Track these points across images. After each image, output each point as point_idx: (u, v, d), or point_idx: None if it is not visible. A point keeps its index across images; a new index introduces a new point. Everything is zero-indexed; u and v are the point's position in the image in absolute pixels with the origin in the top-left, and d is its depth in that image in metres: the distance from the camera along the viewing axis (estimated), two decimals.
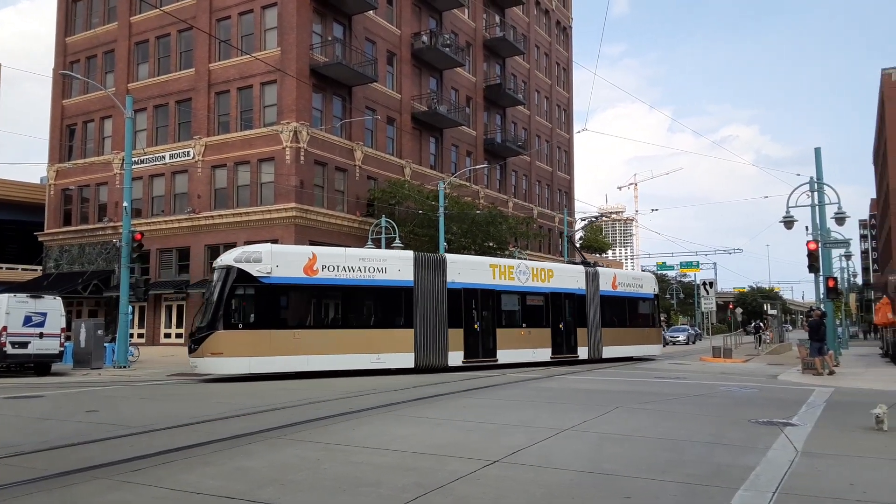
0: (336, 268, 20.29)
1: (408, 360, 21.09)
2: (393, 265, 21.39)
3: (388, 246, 30.40)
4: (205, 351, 18.60)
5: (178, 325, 34.94)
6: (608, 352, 27.41)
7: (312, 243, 32.43)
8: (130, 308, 24.35)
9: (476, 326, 22.94)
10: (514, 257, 43.50)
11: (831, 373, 20.41)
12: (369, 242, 30.44)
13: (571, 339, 26.00)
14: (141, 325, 35.61)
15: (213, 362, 18.64)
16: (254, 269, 19.00)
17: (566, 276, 26.77)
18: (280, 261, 19.39)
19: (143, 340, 34.40)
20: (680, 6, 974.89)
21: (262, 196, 32.79)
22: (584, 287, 27.13)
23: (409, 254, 22.36)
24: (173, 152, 35.59)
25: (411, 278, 21.59)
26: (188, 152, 34.99)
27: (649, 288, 31.16)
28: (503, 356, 23.39)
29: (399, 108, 39.18)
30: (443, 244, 32.12)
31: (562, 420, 10.21)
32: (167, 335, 35.32)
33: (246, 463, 7.27)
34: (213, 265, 20.55)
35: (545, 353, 24.92)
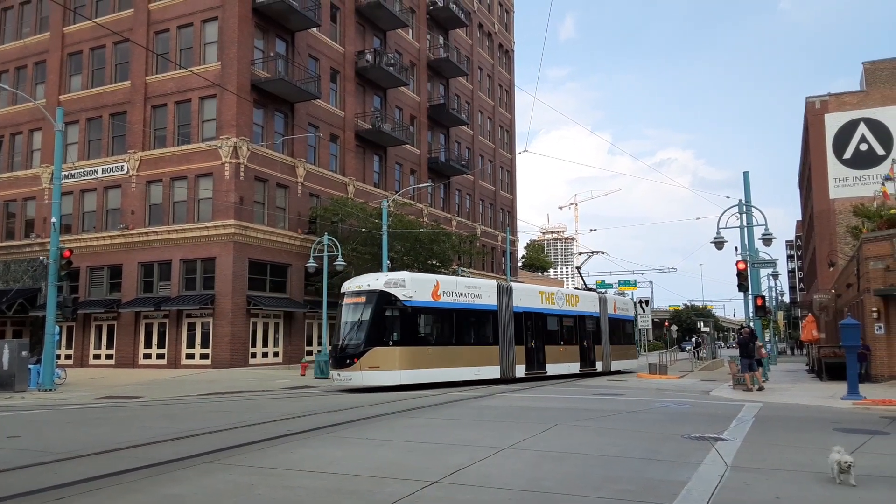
0: (452, 293, 23.70)
1: (495, 372, 24.52)
2: (484, 291, 25.00)
3: (331, 264, 30.12)
4: (363, 365, 20.99)
5: (109, 346, 33.67)
6: (614, 365, 31.95)
7: (252, 261, 31.88)
8: (57, 328, 23.29)
9: (532, 344, 26.62)
10: (457, 275, 43.76)
11: (760, 388, 21.14)
12: (311, 260, 30.07)
13: (592, 355, 30.25)
14: (69, 346, 34.16)
15: (370, 375, 21.01)
16: (400, 294, 21.88)
17: (587, 301, 31.19)
18: (417, 286, 22.46)
19: (70, 362, 32.99)
20: (622, 33, 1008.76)
21: (200, 212, 32.06)
22: (598, 310, 31.66)
23: (493, 282, 26.51)
24: (106, 166, 34.50)
25: (496, 303, 25.19)
26: (122, 167, 33.98)
27: (632, 311, 36.61)
28: (550, 369, 27.23)
29: (342, 125, 39.05)
30: (386, 262, 31.98)
31: (502, 439, 10.24)
32: (97, 356, 33.97)
33: (176, 490, 7.02)
34: (352, 288, 22.59)
35: (576, 367, 29.06)
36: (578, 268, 42.73)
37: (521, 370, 25.62)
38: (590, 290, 35.63)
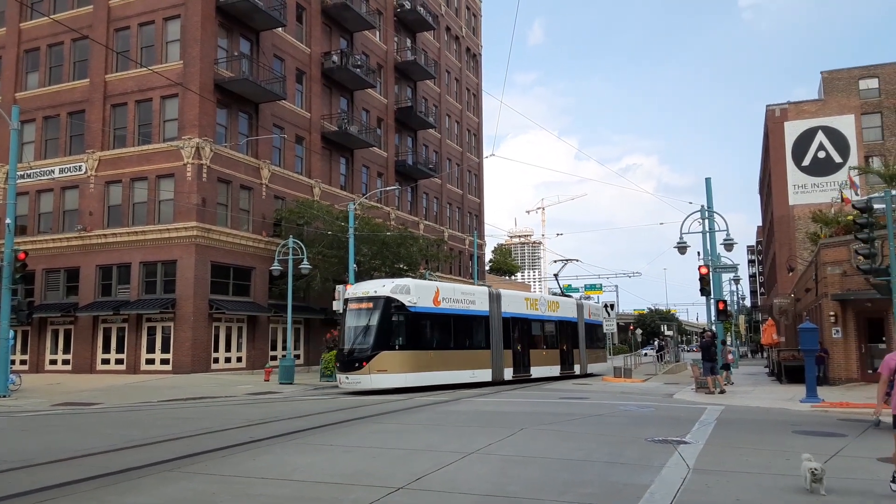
0: (450, 300, 24.77)
1: (487, 375, 25.68)
2: (478, 297, 26.28)
3: (296, 267, 29.79)
4: (372, 369, 21.82)
5: (66, 351, 32.79)
6: (589, 368, 33.40)
7: (214, 264, 31.36)
8: (12, 333, 22.56)
9: (519, 348, 27.95)
10: (424, 279, 43.68)
11: (722, 391, 21.51)
12: (276, 264, 29.68)
13: (571, 358, 31.60)
14: (24, 351, 33.14)
15: (378, 378, 21.82)
16: (406, 300, 22.86)
17: (566, 307, 32.54)
18: (421, 293, 23.59)
19: (25, 367, 31.98)
20: (589, 39, 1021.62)
21: (161, 214, 31.43)
22: (576, 316, 33.15)
23: (485, 288, 28.15)
24: (63, 166, 33.63)
25: (487, 308, 26.40)
26: (80, 167, 33.16)
27: (603, 316, 38.76)
28: (535, 372, 28.51)
29: (308, 126, 38.71)
30: (352, 266, 31.74)
31: (468, 444, 10.21)
32: (53, 362, 33.04)
33: (134, 499, 6.84)
34: (358, 294, 23.45)
35: (557, 370, 30.31)
36: (556, 274, 44.86)
37: (509, 373, 26.86)
38: (567, 296, 37.84)
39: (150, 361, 30.83)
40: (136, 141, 32.23)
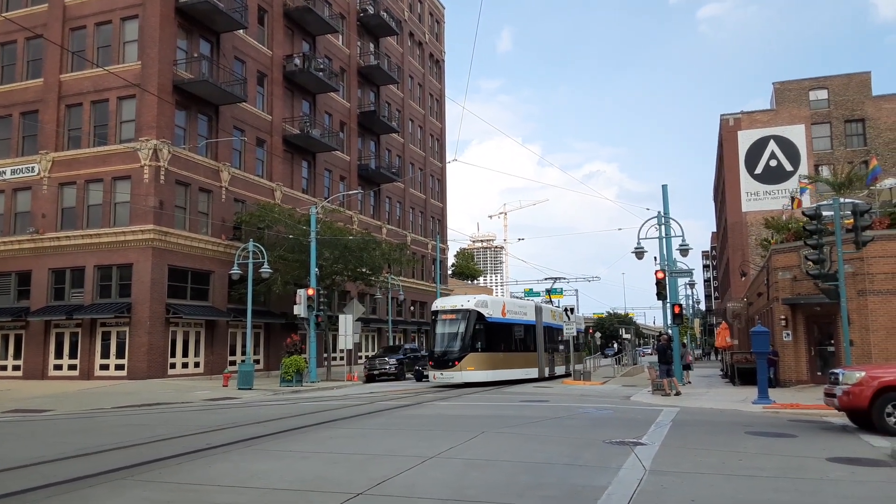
0: (512, 311, 31.12)
1: (535, 374, 32.08)
2: (528, 309, 33.36)
3: (256, 271, 29.44)
4: (463, 367, 27.41)
5: (17, 357, 31.84)
6: (576, 367, 36.32)
7: (172, 268, 30.81)
8: None
9: (549, 351, 34.50)
10: (387, 283, 43.55)
11: (678, 393, 21.93)
12: (235, 267, 29.27)
13: (571, 360, 36.21)
14: None
15: (468, 374, 27.44)
16: (485, 312, 28.60)
17: (577, 319, 40.34)
18: (493, 306, 29.66)
19: None
20: (554, 48, 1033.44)
21: (117, 217, 30.77)
22: (577, 325, 38.77)
23: (531, 302, 36.58)
24: (16, 167, 32.71)
25: (534, 318, 33.24)
26: (33, 168, 32.27)
27: (582, 324, 46.99)
28: (557, 370, 35.04)
29: (270, 129, 38.33)
30: (314, 270, 31.51)
31: (428, 448, 10.23)
32: (3, 367, 32.08)
33: None
34: (446, 307, 29.19)
35: (563, 370, 36.25)
36: (549, 290, 53.93)
37: (546, 372, 33.41)
38: (566, 310, 43.25)
39: (105, 367, 30.12)
40: (92, 142, 31.50)
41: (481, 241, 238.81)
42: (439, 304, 29.85)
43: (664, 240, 27.44)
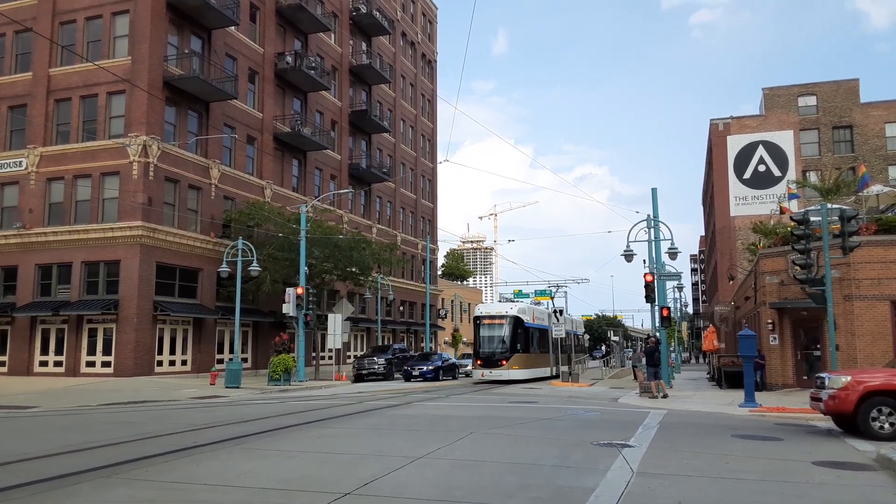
0: (539, 319, 35.63)
1: (547, 373, 36.13)
2: (545, 316, 36.84)
3: (245, 269, 29.31)
4: (511, 366, 31.30)
5: (2, 353, 31.56)
6: (575, 368, 39.81)
7: (160, 265, 30.63)
8: None
9: (562, 353, 37.88)
10: (376, 283, 43.47)
11: (665, 396, 22.04)
12: (224, 265, 29.11)
13: (572, 361, 39.08)
14: None
15: (514, 372, 31.35)
16: (525, 318, 33.00)
17: (579, 324, 47.27)
18: (530, 313, 34.23)
19: None
20: (548, 50, 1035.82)
21: (105, 213, 30.54)
22: (580, 330, 45.90)
23: (547, 310, 38.94)
24: (3, 162, 32.42)
25: (548, 323, 36.23)
26: (20, 162, 31.98)
27: (582, 328, 51.65)
28: (561, 370, 36.31)
29: (260, 127, 38.19)
30: (304, 268, 31.42)
31: (417, 448, 10.21)
32: None
33: None
34: (491, 313, 33.35)
35: (567, 369, 37.62)
36: (554, 304, 56.79)
37: (555, 371, 36.61)
38: (555, 312, 47.90)
39: (91, 364, 29.88)
40: (81, 137, 31.27)
41: (471, 242, 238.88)
42: (483, 309, 34.15)
43: (653, 243, 27.55)
